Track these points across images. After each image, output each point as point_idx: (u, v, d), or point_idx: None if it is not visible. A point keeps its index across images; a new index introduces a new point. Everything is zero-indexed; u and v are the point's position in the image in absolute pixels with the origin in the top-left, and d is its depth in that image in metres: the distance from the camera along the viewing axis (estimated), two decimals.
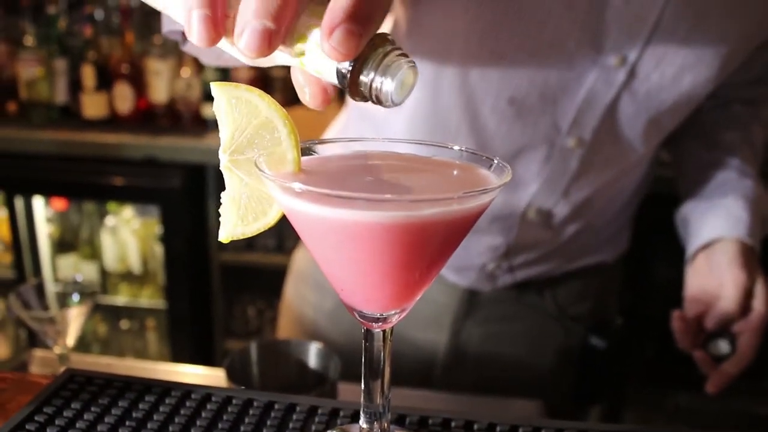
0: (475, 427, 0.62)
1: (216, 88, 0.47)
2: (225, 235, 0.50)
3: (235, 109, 0.47)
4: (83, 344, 2.67)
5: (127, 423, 0.61)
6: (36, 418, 0.61)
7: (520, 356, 1.18)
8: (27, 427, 0.60)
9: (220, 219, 0.50)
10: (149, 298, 2.67)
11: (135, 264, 2.64)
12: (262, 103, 0.47)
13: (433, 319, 1.16)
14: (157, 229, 2.54)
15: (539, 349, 1.19)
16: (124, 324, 2.74)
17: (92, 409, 0.63)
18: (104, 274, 2.68)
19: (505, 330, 1.17)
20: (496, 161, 0.49)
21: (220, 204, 0.50)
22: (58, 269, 2.65)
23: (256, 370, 0.90)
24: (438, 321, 1.16)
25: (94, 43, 2.54)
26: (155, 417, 0.62)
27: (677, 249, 1.08)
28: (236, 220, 0.49)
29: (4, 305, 2.81)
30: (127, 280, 2.69)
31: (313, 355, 0.91)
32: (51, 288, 1.10)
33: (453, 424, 0.62)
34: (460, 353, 1.17)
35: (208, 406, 0.64)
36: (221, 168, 0.49)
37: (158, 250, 2.56)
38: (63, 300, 1.10)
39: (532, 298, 1.15)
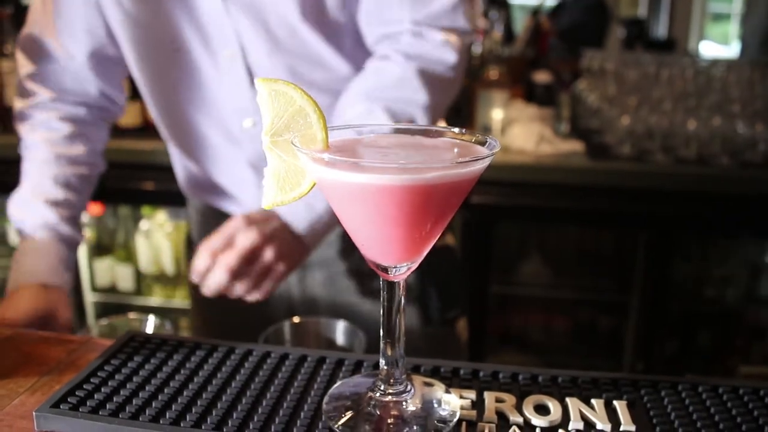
0: (481, 375, 0.72)
1: (259, 82, 0.58)
2: (267, 203, 0.60)
3: (275, 100, 0.58)
4: None
5: (182, 371, 0.72)
6: (105, 368, 0.72)
7: None
8: (99, 374, 0.71)
9: (263, 190, 0.60)
10: (182, 299, 2.79)
11: (168, 266, 2.77)
12: (297, 94, 0.58)
13: None
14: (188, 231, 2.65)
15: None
16: None
17: (151, 361, 0.74)
18: (139, 276, 2.81)
19: None
20: (489, 139, 0.59)
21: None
22: (95, 272, 2.78)
23: (288, 346, 1.00)
24: None
25: None
26: (205, 367, 0.73)
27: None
28: (276, 190, 0.60)
29: None
30: (160, 282, 2.81)
31: (340, 332, 1.01)
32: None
33: (462, 372, 0.72)
34: None
35: (250, 359, 0.75)
36: (263, 148, 0.59)
37: (190, 252, 2.68)
38: None
39: None
